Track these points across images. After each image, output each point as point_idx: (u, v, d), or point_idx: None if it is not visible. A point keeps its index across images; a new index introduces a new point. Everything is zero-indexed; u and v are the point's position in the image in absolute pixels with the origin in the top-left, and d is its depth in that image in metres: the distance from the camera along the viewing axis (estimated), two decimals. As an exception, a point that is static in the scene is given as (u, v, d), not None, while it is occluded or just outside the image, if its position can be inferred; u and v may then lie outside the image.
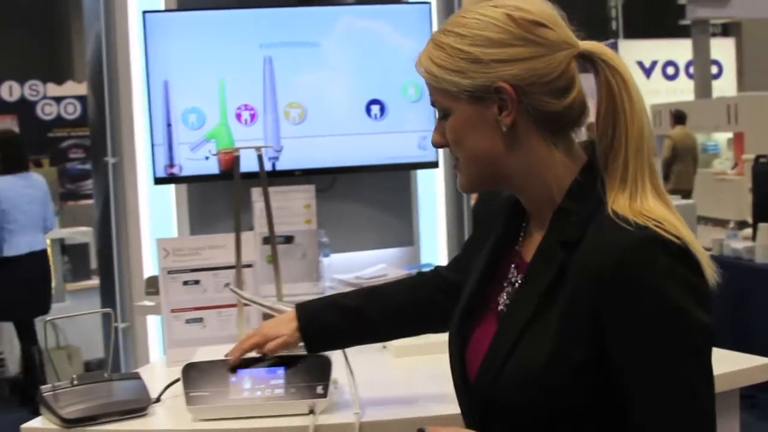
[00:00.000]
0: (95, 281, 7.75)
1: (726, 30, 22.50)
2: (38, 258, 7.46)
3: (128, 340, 4.99)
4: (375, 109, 4.85)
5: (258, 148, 2.60)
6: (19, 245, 7.28)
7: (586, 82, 1.70)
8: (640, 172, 1.60)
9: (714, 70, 20.02)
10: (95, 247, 7.24)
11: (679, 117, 14.28)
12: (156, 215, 4.95)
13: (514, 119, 1.63)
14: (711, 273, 1.56)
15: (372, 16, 4.84)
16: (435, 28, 4.86)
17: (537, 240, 1.70)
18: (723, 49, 21.14)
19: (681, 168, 13.80)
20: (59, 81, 14.02)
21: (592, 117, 1.69)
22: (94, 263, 8.56)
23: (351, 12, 4.89)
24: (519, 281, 1.72)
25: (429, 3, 4.99)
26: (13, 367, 8.01)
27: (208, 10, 4.78)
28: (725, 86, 20.40)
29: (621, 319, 1.51)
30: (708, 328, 1.51)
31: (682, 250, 1.52)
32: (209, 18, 4.76)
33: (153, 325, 4.92)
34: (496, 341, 1.67)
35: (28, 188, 7.38)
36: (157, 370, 2.98)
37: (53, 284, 8.37)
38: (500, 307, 1.75)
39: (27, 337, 7.61)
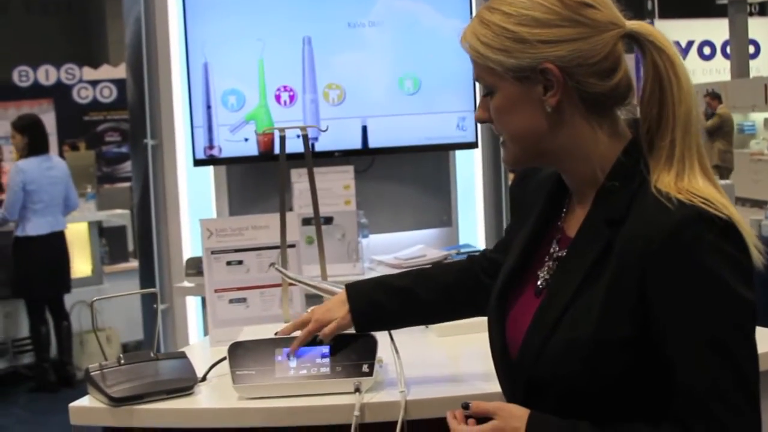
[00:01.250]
0: (132, 263, 7.84)
1: (763, 9, 22.25)
2: (59, 238, 7.67)
3: (168, 322, 5.02)
4: (414, 89, 4.84)
5: (303, 128, 2.60)
6: (42, 225, 7.45)
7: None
8: (687, 152, 1.61)
9: (751, 49, 19.82)
10: (132, 230, 7.32)
11: (719, 96, 14.18)
12: (195, 197, 4.97)
13: (559, 100, 1.64)
14: (757, 253, 1.57)
15: (411, -4, 4.82)
16: (475, 8, 4.85)
17: (579, 216, 1.71)
18: (760, 29, 20.91)
19: (725, 147, 13.69)
20: (95, 65, 14.11)
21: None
22: (131, 245, 8.65)
23: (390, -9, 4.88)
24: (562, 256, 1.73)
25: (468, -17, 4.95)
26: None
27: (247, -8, 4.79)
28: (762, 66, 20.21)
29: (667, 294, 1.52)
30: (752, 305, 1.53)
31: (729, 228, 1.53)
32: (248, -1, 4.77)
33: (192, 306, 4.95)
34: (540, 315, 1.68)
35: (51, 170, 7.57)
36: (200, 350, 3.00)
37: (91, 267, 8.48)
38: (539, 282, 1.76)
39: (59, 315, 7.73)
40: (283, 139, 2.58)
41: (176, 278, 4.84)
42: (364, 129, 4.80)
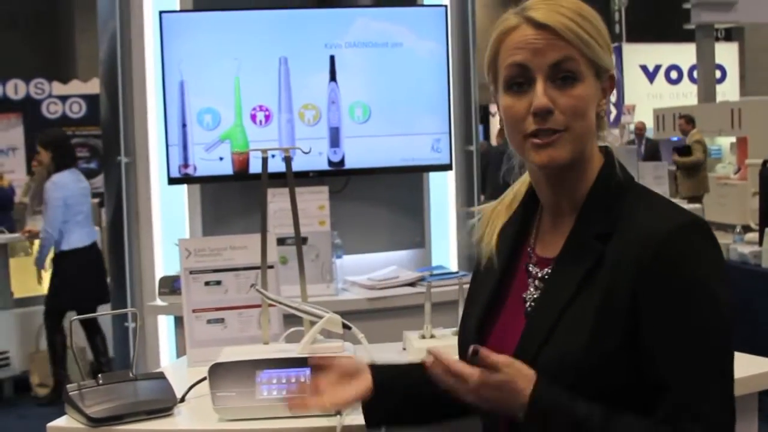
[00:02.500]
0: (102, 280, 7.75)
1: (729, 34, 22.50)
2: (97, 247, 7.51)
3: (139, 340, 4.99)
4: (389, 111, 4.85)
5: (286, 150, 2.60)
6: (85, 236, 7.32)
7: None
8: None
9: (717, 74, 20.03)
10: (102, 246, 7.25)
11: (693, 120, 14.05)
12: (168, 215, 4.95)
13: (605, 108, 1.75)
14: None
15: (388, 18, 4.84)
16: (451, 30, 4.87)
17: (554, 236, 1.77)
18: (726, 54, 21.14)
19: (703, 172, 13.59)
20: (64, 80, 14.02)
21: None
22: (100, 262, 8.57)
23: (366, 14, 4.89)
24: (545, 275, 1.76)
25: (445, 6, 4.98)
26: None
27: (224, 11, 4.79)
28: (728, 90, 20.42)
29: (659, 304, 1.57)
30: (734, 306, 1.60)
31: (708, 231, 1.63)
32: (225, 19, 4.77)
33: (164, 325, 4.92)
34: (529, 331, 1.70)
35: (80, 182, 7.40)
36: (177, 370, 2.98)
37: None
38: (528, 304, 1.77)
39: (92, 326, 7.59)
40: (265, 160, 2.58)
41: (148, 297, 4.81)
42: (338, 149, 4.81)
